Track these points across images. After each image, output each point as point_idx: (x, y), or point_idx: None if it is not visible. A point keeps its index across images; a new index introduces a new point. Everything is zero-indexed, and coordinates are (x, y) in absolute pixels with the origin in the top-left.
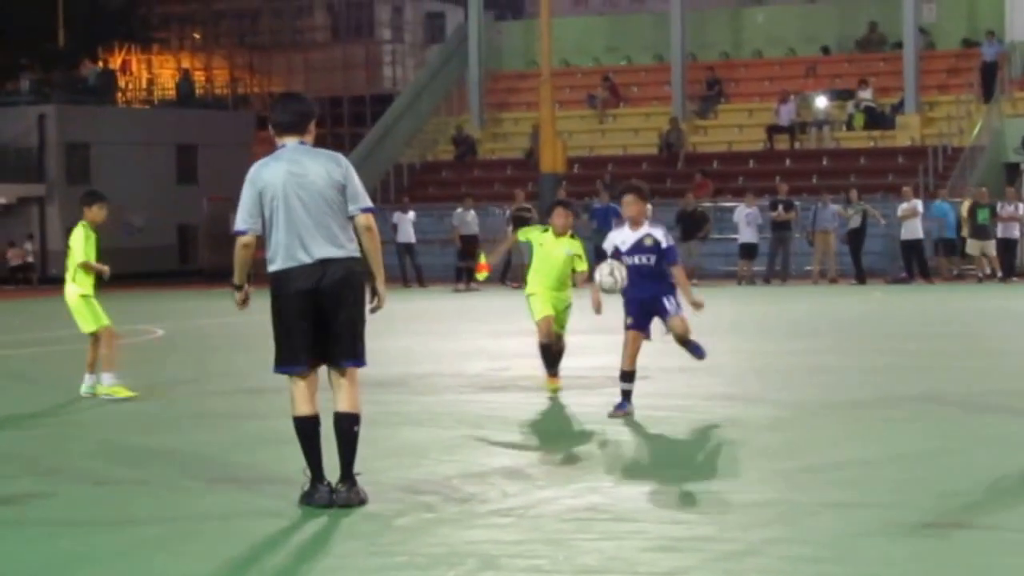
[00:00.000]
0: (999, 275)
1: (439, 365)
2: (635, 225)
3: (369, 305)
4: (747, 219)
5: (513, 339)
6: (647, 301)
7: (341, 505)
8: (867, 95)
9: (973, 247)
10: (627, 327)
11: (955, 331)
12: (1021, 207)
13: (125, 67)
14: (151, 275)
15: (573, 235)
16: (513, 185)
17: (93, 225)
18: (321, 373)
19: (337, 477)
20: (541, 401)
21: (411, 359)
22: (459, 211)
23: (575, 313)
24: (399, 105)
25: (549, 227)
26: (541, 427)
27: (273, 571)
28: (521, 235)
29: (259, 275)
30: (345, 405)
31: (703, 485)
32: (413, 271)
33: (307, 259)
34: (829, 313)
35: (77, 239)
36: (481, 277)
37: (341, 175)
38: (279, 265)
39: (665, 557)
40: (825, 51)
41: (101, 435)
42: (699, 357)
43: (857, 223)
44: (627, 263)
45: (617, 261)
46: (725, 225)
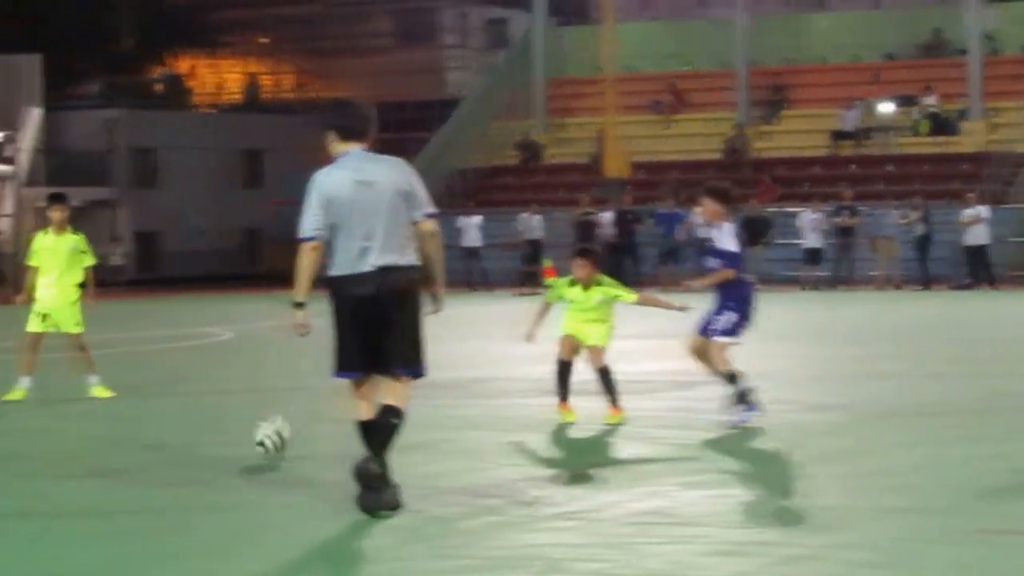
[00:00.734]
0: None
1: (503, 369)
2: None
3: (427, 309)
4: (811, 224)
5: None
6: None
7: (357, 471)
8: (931, 101)
9: None
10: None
11: (1016, 336)
12: (982, 209)
13: (192, 72)
14: (217, 278)
15: (599, 281)
16: (577, 190)
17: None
18: None
19: (382, 480)
20: (603, 405)
21: (475, 363)
22: (524, 216)
23: (627, 317)
24: (463, 110)
25: (574, 280)
26: (604, 431)
27: (337, 573)
28: (551, 297)
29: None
30: (390, 399)
31: (764, 490)
32: (478, 275)
33: (368, 267)
34: (891, 319)
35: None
36: (547, 282)
37: (406, 182)
38: (340, 271)
39: (727, 561)
40: (889, 57)
41: (153, 434)
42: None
43: (923, 229)
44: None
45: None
46: (789, 230)
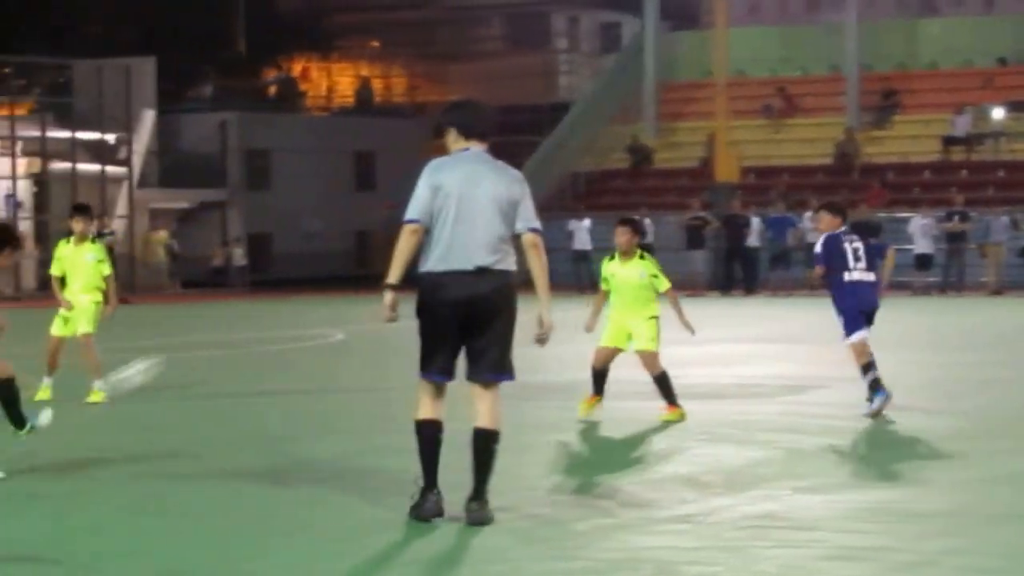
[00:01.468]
0: None
1: (613, 371)
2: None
3: (536, 332)
4: (922, 230)
5: (688, 347)
6: None
7: (471, 524)
8: None
9: None
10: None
11: None
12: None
13: (304, 75)
14: (329, 280)
15: (643, 255)
16: (687, 194)
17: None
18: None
19: (462, 491)
20: (717, 408)
21: (586, 366)
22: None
23: (740, 321)
24: (575, 114)
25: (615, 254)
26: (716, 434)
27: (451, 573)
28: (604, 284)
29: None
30: (485, 421)
31: (880, 494)
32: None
33: (467, 265)
34: (1003, 325)
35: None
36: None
37: (519, 192)
38: (435, 266)
39: (842, 566)
40: (1002, 62)
41: (270, 432)
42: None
43: None
44: None
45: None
46: (899, 235)
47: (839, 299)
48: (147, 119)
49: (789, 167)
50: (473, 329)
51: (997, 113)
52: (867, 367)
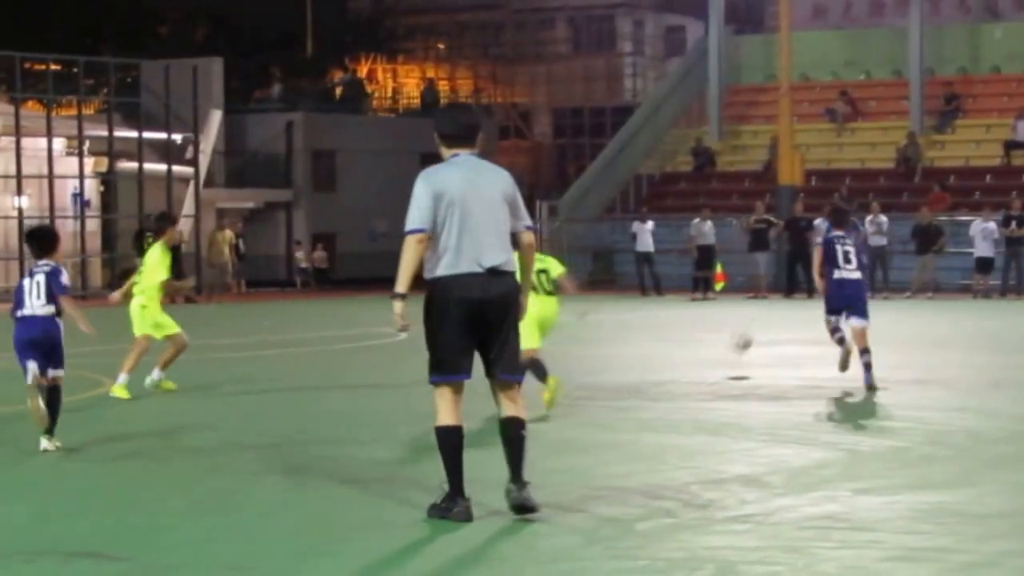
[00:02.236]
0: None
1: (677, 373)
2: None
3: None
4: (983, 233)
5: (751, 349)
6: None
7: (515, 505)
8: None
9: None
10: None
11: None
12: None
13: (371, 76)
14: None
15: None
16: (751, 197)
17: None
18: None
19: (506, 486)
20: (777, 410)
21: (649, 366)
22: (696, 221)
23: (806, 325)
24: (639, 117)
25: None
26: (778, 435)
27: (514, 571)
28: None
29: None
30: (510, 409)
31: (940, 496)
32: (651, 280)
33: (478, 267)
34: None
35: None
36: (719, 287)
37: (512, 191)
38: (446, 271)
39: (902, 567)
40: None
41: (335, 431)
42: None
43: None
44: None
45: None
46: (961, 239)
47: (828, 290)
48: (214, 119)
49: (852, 171)
50: (486, 330)
51: None
52: (840, 340)
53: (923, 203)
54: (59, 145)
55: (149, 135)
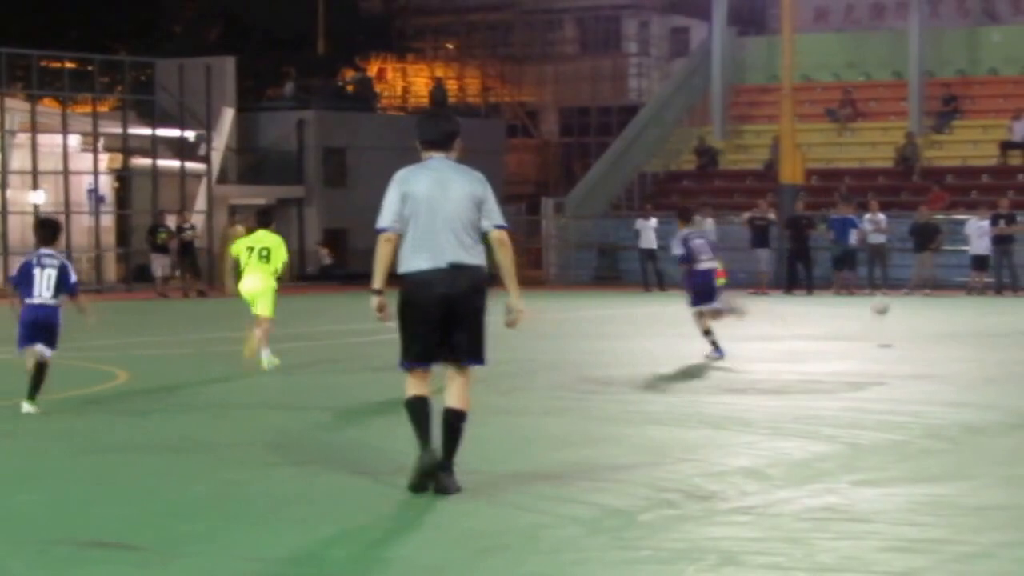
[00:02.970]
0: None
1: (680, 367)
2: None
3: (506, 318)
4: (978, 232)
5: (752, 343)
6: None
7: (439, 492)
8: None
9: None
10: None
11: None
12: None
13: (381, 75)
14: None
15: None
16: (753, 195)
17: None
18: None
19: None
20: (779, 403)
21: (654, 360)
22: (696, 219)
23: (807, 321)
24: (644, 116)
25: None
26: (779, 429)
27: (518, 562)
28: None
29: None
30: (455, 402)
31: (937, 488)
32: (655, 276)
33: (442, 264)
34: None
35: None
36: (721, 283)
37: (481, 192)
38: (414, 267)
39: (900, 558)
40: None
41: (342, 425)
42: None
43: None
44: None
45: None
46: (958, 237)
47: (690, 279)
48: (227, 117)
49: (852, 170)
50: (450, 320)
51: None
52: (707, 332)
53: (921, 202)
54: (75, 142)
55: (163, 132)
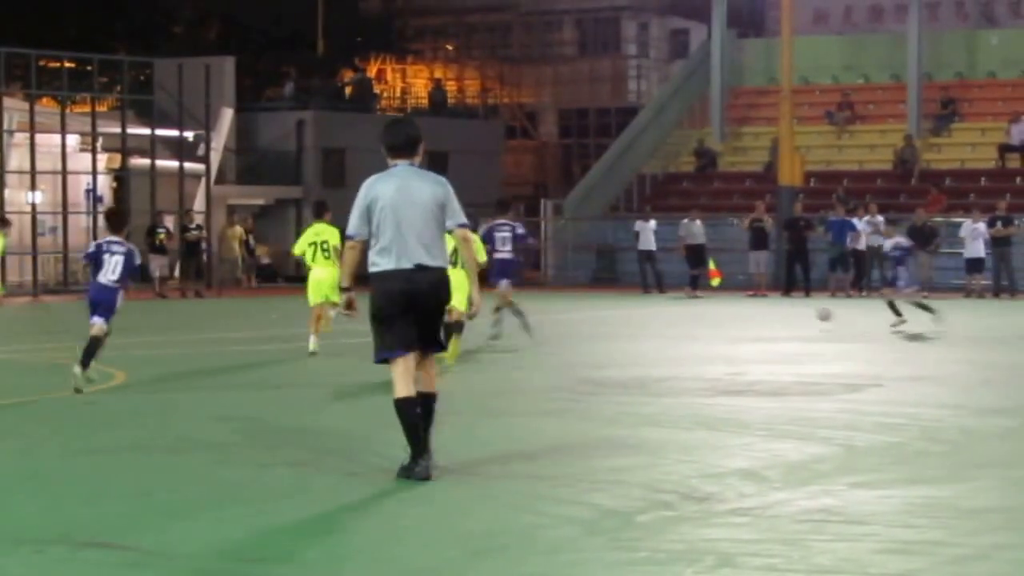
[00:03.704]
0: None
1: (678, 368)
2: None
3: (468, 311)
4: (973, 234)
5: (748, 345)
6: None
7: (422, 477)
8: None
9: None
10: None
11: None
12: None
13: (380, 76)
14: None
15: None
16: (752, 197)
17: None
18: None
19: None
20: (776, 405)
21: (650, 362)
22: (685, 221)
23: (805, 323)
24: (643, 118)
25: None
26: (776, 430)
27: (516, 563)
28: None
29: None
30: (425, 387)
31: (933, 490)
32: (653, 277)
33: (408, 264)
34: None
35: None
36: (715, 283)
37: (443, 194)
38: (383, 267)
39: (896, 559)
40: None
41: (340, 424)
42: None
43: None
44: None
45: None
46: (956, 240)
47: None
48: (226, 117)
49: (850, 172)
50: (417, 314)
51: None
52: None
53: (920, 204)
54: (73, 141)
55: (162, 132)
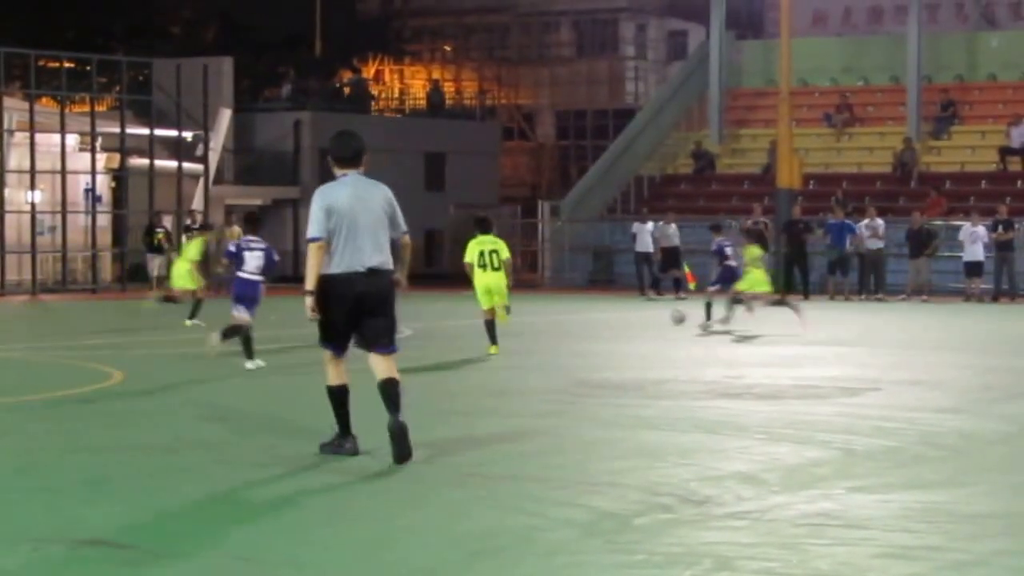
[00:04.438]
0: None
1: (675, 371)
2: None
3: (398, 290)
4: (971, 238)
5: (746, 348)
6: None
7: (394, 430)
8: None
9: None
10: None
11: None
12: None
13: (378, 77)
14: None
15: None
16: (750, 200)
17: None
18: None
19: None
20: (774, 408)
21: (647, 365)
22: (660, 224)
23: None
24: (641, 119)
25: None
26: (774, 434)
27: (513, 564)
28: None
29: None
30: (387, 373)
31: (932, 495)
32: (651, 279)
33: (360, 268)
34: None
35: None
36: (692, 287)
37: (389, 204)
38: (337, 269)
39: (895, 564)
40: None
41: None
42: None
43: None
44: None
45: None
46: (955, 243)
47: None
48: (224, 117)
49: (849, 175)
50: (366, 315)
51: None
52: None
53: (919, 207)
54: (72, 141)
55: (160, 132)
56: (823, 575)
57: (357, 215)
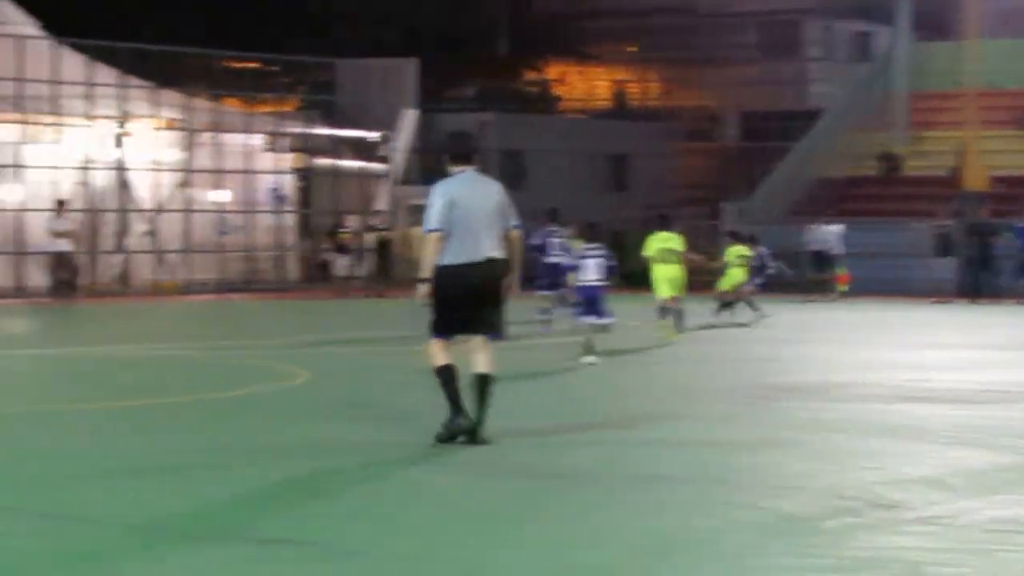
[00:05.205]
0: None
1: (860, 374)
2: None
3: (508, 293)
4: None
5: (932, 351)
6: None
7: (478, 440)
8: None
9: None
10: None
11: None
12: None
13: (562, 79)
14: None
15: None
16: (936, 202)
17: None
18: None
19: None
20: (960, 413)
21: (831, 367)
22: (813, 226)
23: (991, 330)
24: (826, 121)
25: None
26: (961, 438)
27: (698, 566)
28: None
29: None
30: (485, 367)
31: None
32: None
33: (479, 257)
34: None
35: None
36: (842, 289)
37: (504, 199)
38: (455, 260)
39: None
40: None
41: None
42: None
43: None
44: None
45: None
46: None
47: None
48: (408, 118)
49: None
50: (481, 302)
51: None
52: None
53: None
54: (257, 141)
55: (345, 133)
56: None
57: (476, 208)
